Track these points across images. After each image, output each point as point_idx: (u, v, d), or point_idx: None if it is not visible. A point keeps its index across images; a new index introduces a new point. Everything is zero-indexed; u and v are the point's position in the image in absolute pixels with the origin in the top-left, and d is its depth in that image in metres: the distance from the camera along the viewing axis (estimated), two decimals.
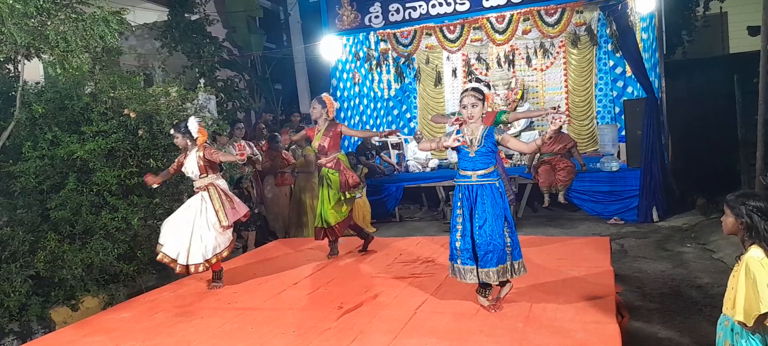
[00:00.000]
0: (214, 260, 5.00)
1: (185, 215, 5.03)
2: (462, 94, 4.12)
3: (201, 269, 4.96)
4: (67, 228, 5.24)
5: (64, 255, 5.03)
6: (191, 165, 5.06)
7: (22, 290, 4.73)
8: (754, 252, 2.47)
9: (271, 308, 4.58)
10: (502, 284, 4.16)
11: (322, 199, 5.81)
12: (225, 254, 5.07)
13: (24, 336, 4.68)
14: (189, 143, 5.09)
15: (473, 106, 4.03)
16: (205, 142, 5.13)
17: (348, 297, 4.61)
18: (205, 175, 5.06)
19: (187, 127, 5.08)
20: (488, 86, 4.33)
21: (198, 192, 5.08)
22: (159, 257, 4.98)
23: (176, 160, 5.23)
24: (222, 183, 5.17)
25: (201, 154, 5.03)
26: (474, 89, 4.07)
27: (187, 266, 4.93)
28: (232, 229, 5.09)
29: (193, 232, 4.95)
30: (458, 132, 4.11)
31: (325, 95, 5.83)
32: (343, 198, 5.78)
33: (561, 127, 6.56)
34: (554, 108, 7.81)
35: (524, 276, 4.19)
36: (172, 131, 5.19)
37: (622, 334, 3.56)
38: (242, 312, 4.50)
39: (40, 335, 4.70)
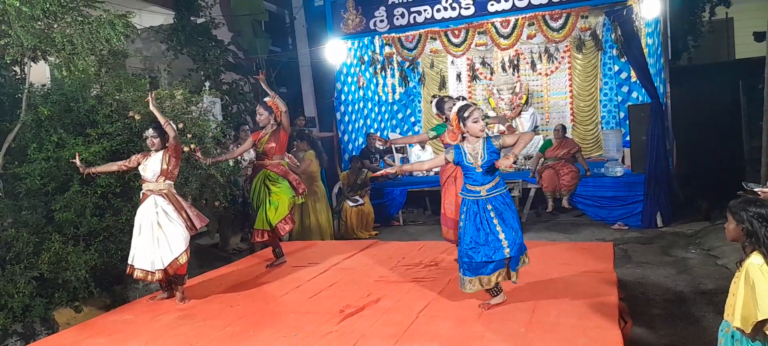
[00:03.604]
0: (183, 259, 4.82)
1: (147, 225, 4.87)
2: (471, 109, 4.12)
3: (181, 262, 4.81)
4: (71, 230, 5.27)
5: (68, 257, 5.04)
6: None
7: (26, 291, 4.75)
8: (755, 259, 2.47)
9: (274, 311, 4.59)
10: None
11: (263, 200, 5.84)
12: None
13: (27, 338, 4.69)
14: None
15: (475, 121, 4.09)
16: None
17: (350, 301, 4.62)
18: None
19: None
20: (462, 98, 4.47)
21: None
22: (135, 275, 4.84)
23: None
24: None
25: None
26: (476, 106, 4.23)
27: (165, 270, 4.78)
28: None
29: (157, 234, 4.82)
30: (457, 147, 4.15)
31: (269, 99, 5.83)
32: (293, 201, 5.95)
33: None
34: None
35: (528, 281, 4.25)
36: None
37: (625, 340, 3.56)
38: (244, 315, 4.51)
39: (43, 336, 4.71)
